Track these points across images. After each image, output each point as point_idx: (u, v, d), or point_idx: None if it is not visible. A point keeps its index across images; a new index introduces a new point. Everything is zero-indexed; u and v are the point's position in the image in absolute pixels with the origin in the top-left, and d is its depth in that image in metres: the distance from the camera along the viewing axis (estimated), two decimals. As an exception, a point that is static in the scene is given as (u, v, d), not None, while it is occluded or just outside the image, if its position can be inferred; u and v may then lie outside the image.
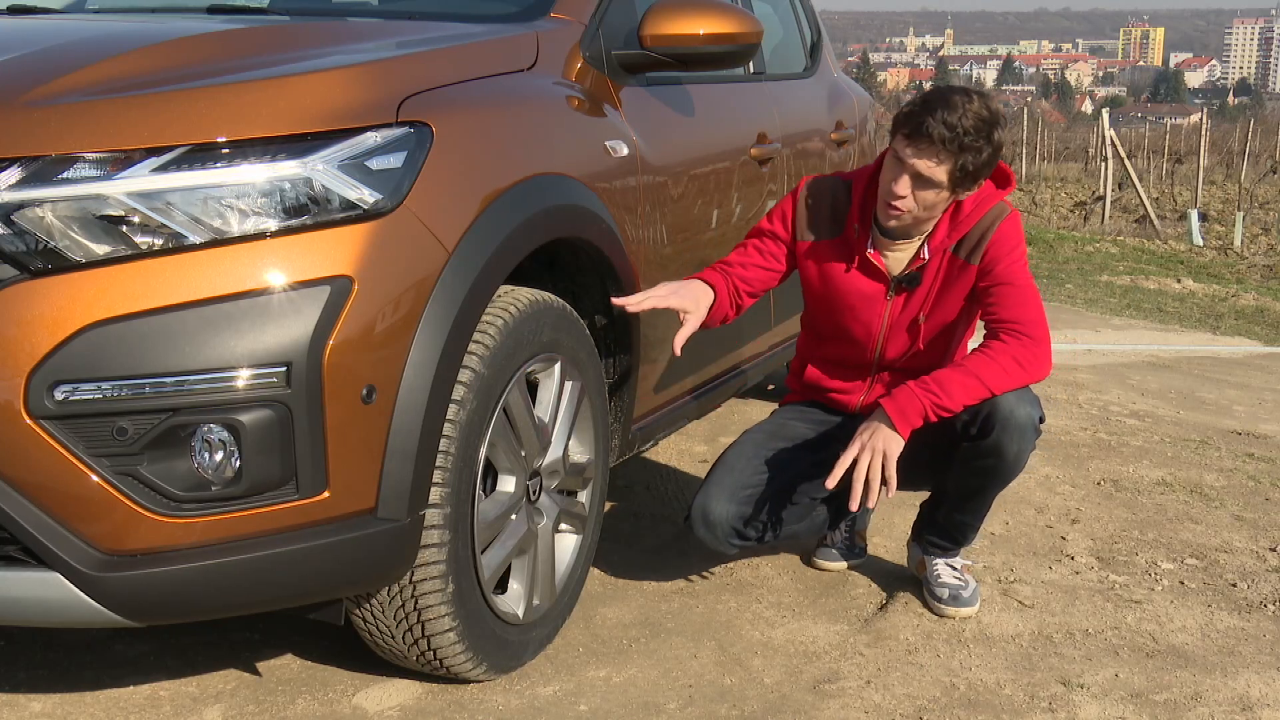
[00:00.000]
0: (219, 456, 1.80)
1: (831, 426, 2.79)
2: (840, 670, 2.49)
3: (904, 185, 2.48)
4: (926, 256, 2.60)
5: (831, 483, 2.47)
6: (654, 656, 2.53)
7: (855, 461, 2.45)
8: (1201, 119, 22.04)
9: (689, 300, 2.59)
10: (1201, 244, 13.09)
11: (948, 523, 2.76)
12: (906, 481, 2.83)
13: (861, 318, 2.68)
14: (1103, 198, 16.30)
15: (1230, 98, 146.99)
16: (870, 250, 2.62)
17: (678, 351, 2.58)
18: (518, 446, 2.29)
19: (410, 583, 2.10)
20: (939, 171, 2.45)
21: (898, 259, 2.64)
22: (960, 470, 2.62)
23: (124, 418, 1.74)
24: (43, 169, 1.75)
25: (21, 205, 1.73)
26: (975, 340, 2.68)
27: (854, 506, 2.44)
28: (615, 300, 2.49)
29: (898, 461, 2.43)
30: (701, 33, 2.62)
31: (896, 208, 2.51)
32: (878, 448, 2.44)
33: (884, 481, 2.43)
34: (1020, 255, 2.59)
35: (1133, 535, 3.30)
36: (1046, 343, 2.56)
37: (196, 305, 1.76)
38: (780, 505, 2.69)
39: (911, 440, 2.48)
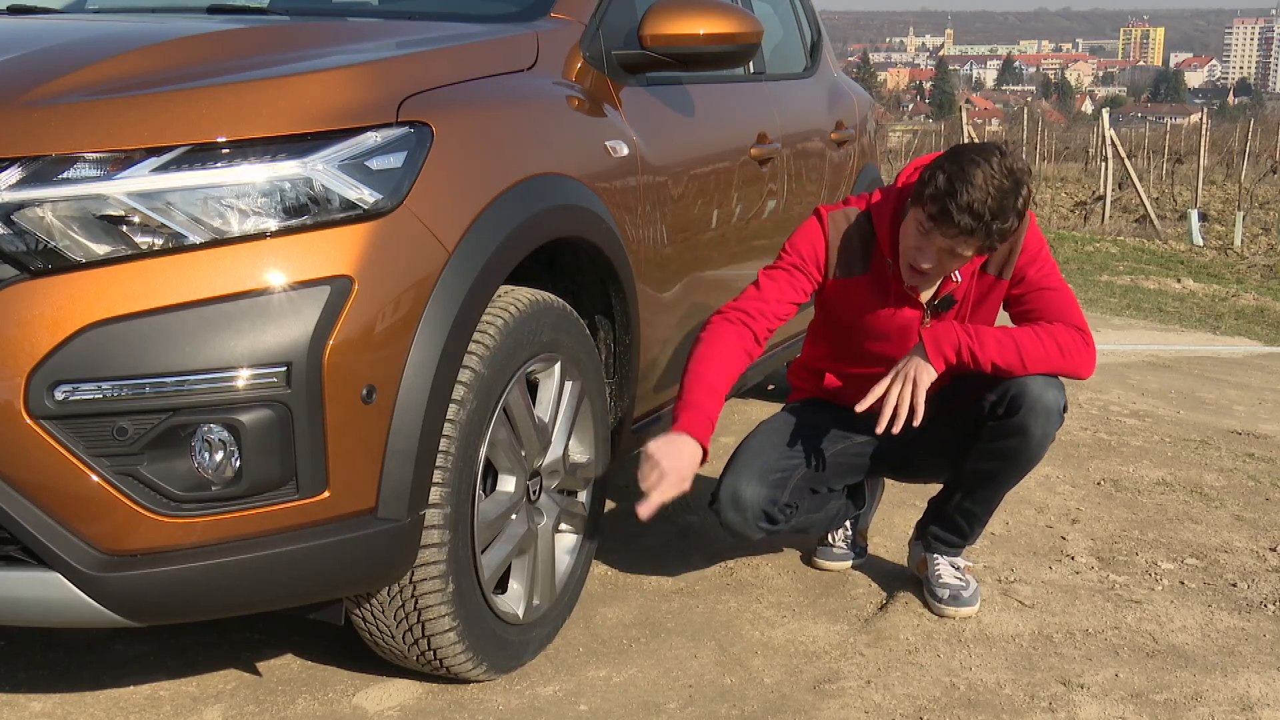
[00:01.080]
0: (219, 456, 1.80)
1: (851, 416, 2.78)
2: (840, 670, 2.49)
3: (931, 258, 2.49)
4: (958, 278, 2.61)
5: (862, 407, 2.50)
6: (654, 656, 2.53)
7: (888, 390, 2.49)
8: (1201, 119, 22.03)
9: (687, 478, 2.45)
10: (1201, 244, 13.10)
11: (957, 513, 2.76)
12: (925, 469, 2.84)
13: (895, 343, 2.68)
14: (1103, 198, 16.29)
15: (1230, 98, 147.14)
16: (909, 286, 2.62)
17: (643, 518, 2.43)
18: (518, 446, 2.29)
19: (410, 583, 2.10)
20: (968, 250, 2.46)
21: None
22: (981, 451, 2.62)
23: (124, 418, 1.74)
24: (43, 169, 1.75)
25: (21, 205, 1.73)
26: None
27: (879, 430, 2.47)
28: (640, 512, 2.41)
29: (921, 450, 2.43)
30: (701, 33, 2.62)
31: (923, 277, 2.54)
32: (910, 375, 2.48)
33: (911, 409, 2.46)
34: (1048, 255, 2.63)
35: (1133, 535, 3.30)
36: (1093, 345, 2.57)
37: (196, 305, 1.76)
38: (804, 490, 2.72)
39: (935, 423, 2.49)
